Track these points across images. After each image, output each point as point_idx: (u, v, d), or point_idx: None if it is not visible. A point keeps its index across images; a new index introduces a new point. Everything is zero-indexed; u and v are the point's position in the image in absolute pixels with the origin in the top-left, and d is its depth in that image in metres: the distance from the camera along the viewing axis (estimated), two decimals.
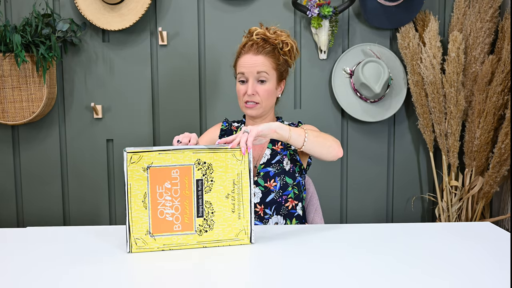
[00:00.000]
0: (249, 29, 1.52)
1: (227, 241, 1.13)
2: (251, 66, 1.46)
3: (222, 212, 1.12)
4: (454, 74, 2.08)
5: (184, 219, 1.10)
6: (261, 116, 1.53)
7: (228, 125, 1.64)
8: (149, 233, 1.08)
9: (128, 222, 1.07)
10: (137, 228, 1.08)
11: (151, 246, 1.08)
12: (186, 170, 1.10)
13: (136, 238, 1.07)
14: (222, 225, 1.12)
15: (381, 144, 2.32)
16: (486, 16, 2.10)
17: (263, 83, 1.48)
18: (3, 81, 2.09)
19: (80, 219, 2.31)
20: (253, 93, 1.47)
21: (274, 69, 1.49)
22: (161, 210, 1.09)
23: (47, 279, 0.94)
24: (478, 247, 1.12)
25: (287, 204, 1.47)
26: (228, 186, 1.13)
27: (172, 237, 1.09)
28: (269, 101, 1.50)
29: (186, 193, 1.11)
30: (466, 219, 2.22)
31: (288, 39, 1.50)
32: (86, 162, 2.29)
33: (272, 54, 1.48)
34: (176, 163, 1.10)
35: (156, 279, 0.94)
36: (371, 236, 1.22)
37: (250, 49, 1.48)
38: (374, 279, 0.93)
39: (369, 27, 2.25)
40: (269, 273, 0.97)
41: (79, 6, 2.13)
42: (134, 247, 1.07)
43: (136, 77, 2.25)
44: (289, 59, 1.53)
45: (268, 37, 1.48)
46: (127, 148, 1.08)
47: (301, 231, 1.25)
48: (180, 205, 1.10)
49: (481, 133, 2.11)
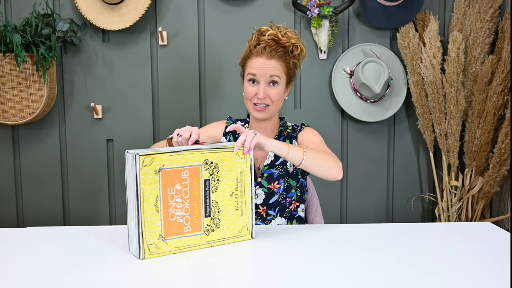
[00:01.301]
0: (260, 28, 1.47)
1: (232, 238, 1.16)
2: (264, 69, 1.43)
3: (227, 210, 1.15)
4: (454, 74, 2.08)
5: (194, 220, 1.11)
6: (267, 118, 1.51)
7: (232, 123, 1.62)
8: (161, 237, 1.07)
9: (140, 227, 1.04)
10: (150, 233, 1.06)
11: (163, 251, 1.07)
12: (195, 171, 1.11)
13: (149, 244, 1.05)
14: (227, 223, 1.15)
15: (381, 144, 2.32)
16: (486, 16, 2.10)
17: (274, 86, 1.45)
18: (3, 81, 2.09)
19: (80, 219, 2.31)
20: (265, 97, 1.44)
21: (285, 73, 1.47)
22: (172, 212, 1.08)
23: (48, 279, 0.94)
24: (478, 247, 1.12)
25: (291, 206, 1.47)
26: (232, 184, 1.16)
27: (182, 239, 1.10)
28: (278, 104, 1.48)
29: (195, 194, 1.12)
30: (466, 219, 2.22)
31: (299, 42, 1.48)
32: (86, 162, 2.29)
33: (284, 58, 1.45)
34: (186, 164, 1.10)
35: (160, 280, 0.94)
36: (371, 236, 1.22)
37: (263, 52, 1.44)
38: (374, 278, 0.94)
39: (369, 27, 2.25)
40: (271, 271, 0.97)
41: (79, 6, 2.13)
42: (147, 253, 1.05)
43: (136, 77, 2.24)
44: (298, 62, 1.51)
45: (279, 39, 1.44)
46: (139, 151, 1.05)
47: (301, 230, 1.25)
48: (190, 206, 1.11)
49: (481, 133, 2.11)
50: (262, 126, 1.54)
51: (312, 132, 1.55)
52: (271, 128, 1.55)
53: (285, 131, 1.55)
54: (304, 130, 1.56)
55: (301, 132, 1.55)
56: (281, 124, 1.58)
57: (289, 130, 1.55)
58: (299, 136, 1.54)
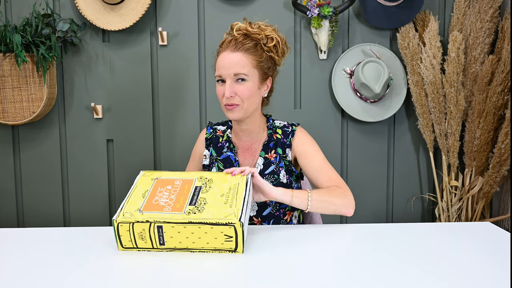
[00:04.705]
0: (231, 25, 1.37)
1: (215, 219, 1.04)
2: (228, 64, 1.32)
3: (215, 203, 1.10)
4: (454, 74, 2.08)
5: (176, 205, 1.10)
6: (244, 119, 1.38)
7: (212, 131, 1.51)
8: (139, 210, 1.08)
9: (123, 203, 1.12)
10: (130, 207, 1.10)
11: (136, 218, 1.05)
12: (189, 181, 1.20)
13: (125, 212, 1.08)
14: (212, 211, 1.08)
15: (381, 144, 2.32)
16: (486, 16, 2.10)
17: (242, 82, 1.32)
18: (3, 81, 2.09)
19: (80, 219, 2.31)
20: (232, 95, 1.32)
21: (254, 67, 1.33)
22: (157, 199, 1.13)
23: (48, 280, 0.94)
24: (478, 247, 1.12)
25: (285, 217, 1.43)
26: (224, 189, 1.15)
27: (159, 214, 1.07)
28: (250, 101, 1.35)
29: (184, 192, 1.15)
30: (466, 219, 2.22)
31: (273, 34, 1.35)
32: (86, 162, 2.29)
33: (253, 50, 1.33)
34: (180, 177, 1.22)
35: (161, 280, 0.94)
36: (371, 236, 1.22)
37: (228, 46, 1.34)
38: (374, 278, 0.93)
39: (369, 27, 2.25)
40: (270, 271, 0.97)
41: (79, 6, 2.13)
42: (121, 217, 1.06)
43: (136, 77, 2.25)
44: (275, 56, 1.37)
45: (250, 32, 1.34)
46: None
47: (300, 229, 1.25)
48: (175, 198, 1.13)
49: (481, 133, 2.11)
50: (245, 129, 1.43)
51: (307, 139, 1.44)
52: (255, 132, 1.44)
53: (274, 135, 1.43)
54: (297, 136, 1.43)
55: (295, 139, 1.43)
56: (268, 126, 1.45)
57: (278, 136, 1.43)
58: (294, 144, 1.42)
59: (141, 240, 1.07)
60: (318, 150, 1.42)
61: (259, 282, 0.93)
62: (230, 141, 1.47)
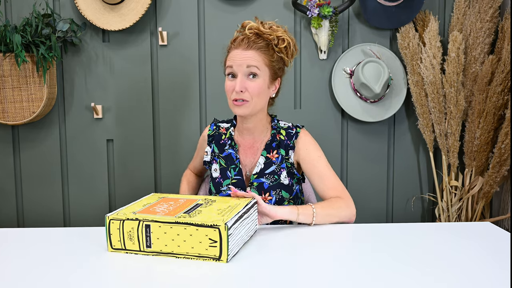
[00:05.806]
0: (242, 23, 1.38)
1: (201, 221, 1.02)
2: (241, 60, 1.33)
3: (209, 214, 1.09)
4: (454, 74, 2.08)
5: (170, 212, 1.10)
6: (250, 116, 1.39)
7: (216, 128, 1.52)
8: (133, 213, 1.09)
9: (122, 208, 1.15)
10: (126, 210, 1.12)
11: (127, 216, 1.07)
12: (192, 200, 1.22)
13: (120, 212, 1.10)
14: (202, 217, 1.07)
15: (381, 144, 2.32)
16: (486, 16, 2.10)
17: (253, 79, 1.33)
18: (3, 81, 2.09)
19: (80, 219, 2.31)
20: (242, 90, 1.32)
21: (266, 66, 1.34)
22: (154, 208, 1.14)
23: (48, 280, 0.94)
24: (478, 247, 1.12)
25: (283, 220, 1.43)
26: (224, 207, 1.15)
27: (150, 215, 1.07)
28: (259, 99, 1.35)
29: (183, 206, 1.16)
30: (466, 219, 2.22)
31: (285, 35, 1.36)
32: (86, 162, 2.29)
33: (265, 49, 1.34)
34: (186, 198, 1.25)
35: (162, 281, 0.94)
36: (371, 236, 1.22)
37: (240, 44, 1.35)
38: (374, 278, 0.93)
39: (369, 27, 2.25)
40: (268, 270, 0.97)
41: (79, 6, 2.13)
42: (114, 215, 1.08)
43: (136, 77, 2.25)
44: (285, 57, 1.39)
45: (262, 31, 1.34)
46: None
47: (299, 229, 1.25)
48: (173, 208, 1.13)
49: (481, 133, 2.11)
50: (249, 127, 1.43)
51: (310, 143, 1.43)
52: (259, 130, 1.44)
53: (278, 135, 1.43)
54: (300, 139, 1.43)
55: (298, 142, 1.42)
56: (273, 126, 1.46)
57: (282, 137, 1.43)
58: (297, 147, 1.42)
59: (129, 240, 1.07)
60: (321, 156, 1.42)
61: (259, 282, 0.93)
62: (232, 138, 1.48)
